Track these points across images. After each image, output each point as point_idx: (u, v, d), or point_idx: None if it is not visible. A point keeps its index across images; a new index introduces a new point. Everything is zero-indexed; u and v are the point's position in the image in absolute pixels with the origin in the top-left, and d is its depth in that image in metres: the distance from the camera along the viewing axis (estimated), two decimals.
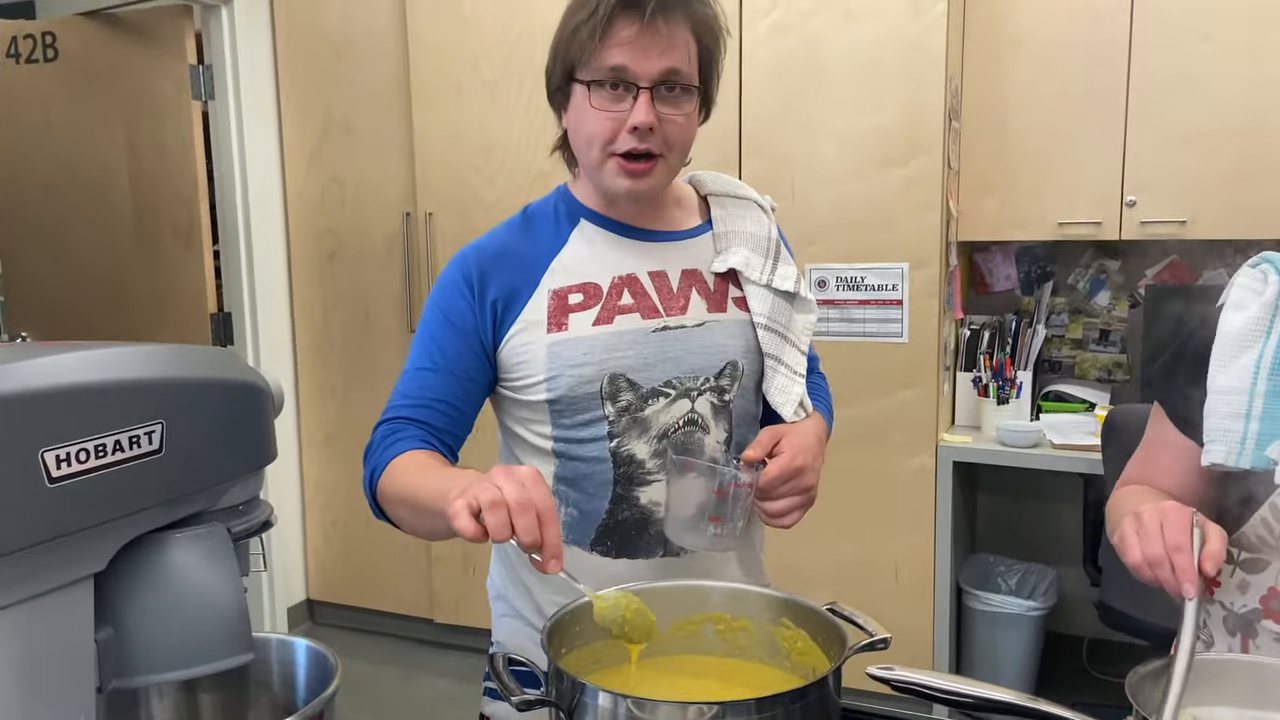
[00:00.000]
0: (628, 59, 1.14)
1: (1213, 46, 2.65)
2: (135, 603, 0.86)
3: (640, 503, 1.25)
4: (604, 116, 1.17)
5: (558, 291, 1.24)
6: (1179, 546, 0.98)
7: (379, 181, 3.41)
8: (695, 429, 1.26)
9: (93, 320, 3.59)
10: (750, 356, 1.30)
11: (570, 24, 1.17)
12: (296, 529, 3.71)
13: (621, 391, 1.23)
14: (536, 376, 1.23)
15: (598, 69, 1.16)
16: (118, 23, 3.44)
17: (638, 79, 1.15)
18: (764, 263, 1.32)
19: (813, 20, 2.77)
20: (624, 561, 1.26)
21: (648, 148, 1.18)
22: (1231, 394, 1.10)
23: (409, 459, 1.16)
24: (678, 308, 1.27)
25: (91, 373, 0.78)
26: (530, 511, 0.92)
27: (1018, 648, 2.97)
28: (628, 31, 1.14)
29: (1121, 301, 3.16)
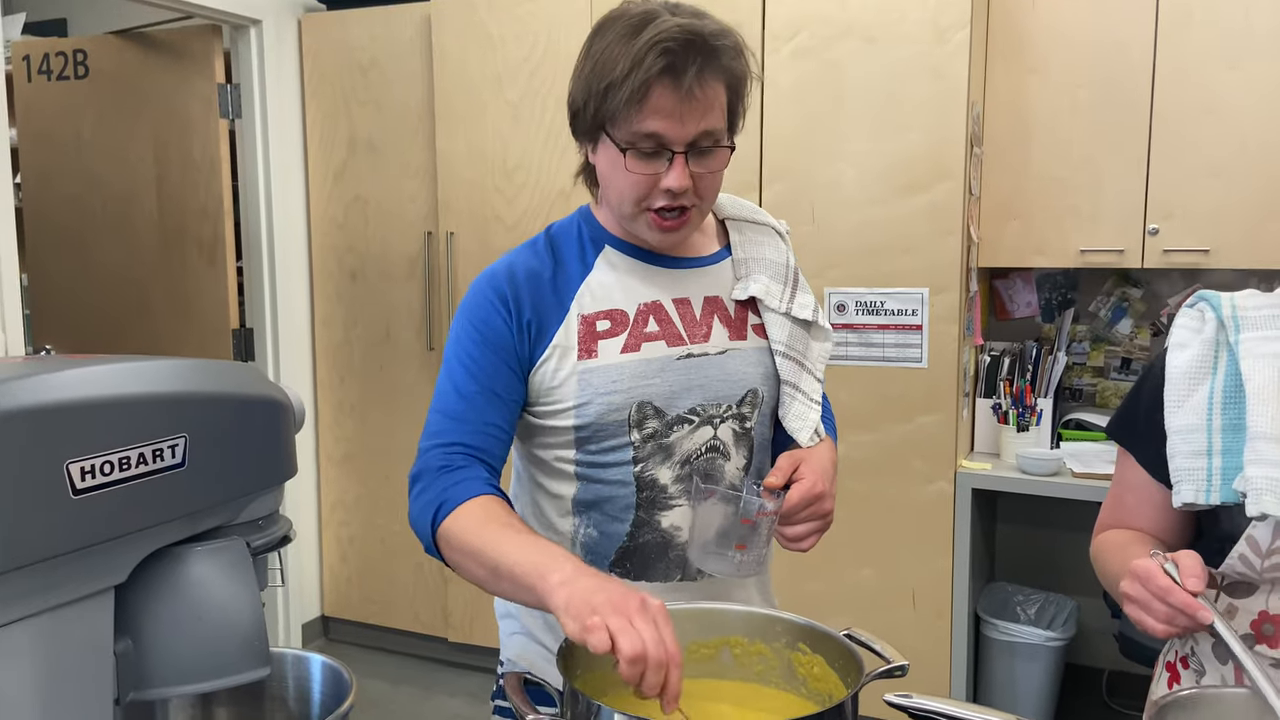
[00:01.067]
0: (664, 128, 1.14)
1: (1238, 76, 2.64)
2: (154, 615, 0.86)
3: (661, 526, 1.25)
4: (638, 178, 1.17)
5: (586, 317, 1.25)
6: (1166, 590, 1.00)
7: (401, 201, 3.44)
8: (717, 455, 1.27)
9: (116, 333, 3.63)
10: (769, 384, 1.31)
11: (603, 78, 1.14)
12: (313, 546, 3.72)
13: (648, 419, 1.24)
14: (567, 403, 1.23)
15: (633, 134, 1.15)
16: (148, 41, 3.50)
17: (673, 144, 1.15)
18: (783, 290, 1.33)
19: (835, 46, 2.78)
20: (642, 584, 1.26)
21: (681, 204, 1.19)
22: (1189, 433, 1.12)
23: (483, 509, 1.12)
24: (701, 335, 1.28)
25: (116, 386, 0.79)
26: (662, 669, 0.89)
27: (1036, 679, 2.93)
28: (666, 100, 1.12)
29: (1143, 330, 3.14)
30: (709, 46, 1.13)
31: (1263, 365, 1.09)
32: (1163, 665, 1.24)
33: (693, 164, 1.17)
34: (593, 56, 1.17)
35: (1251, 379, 1.08)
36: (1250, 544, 1.06)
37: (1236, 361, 1.11)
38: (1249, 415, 1.07)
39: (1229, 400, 1.10)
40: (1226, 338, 1.13)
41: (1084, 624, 3.14)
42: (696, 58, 1.12)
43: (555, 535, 1.29)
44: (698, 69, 1.12)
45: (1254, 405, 1.07)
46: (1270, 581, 1.07)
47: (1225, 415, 1.10)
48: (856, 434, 2.84)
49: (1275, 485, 1.03)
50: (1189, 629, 1.00)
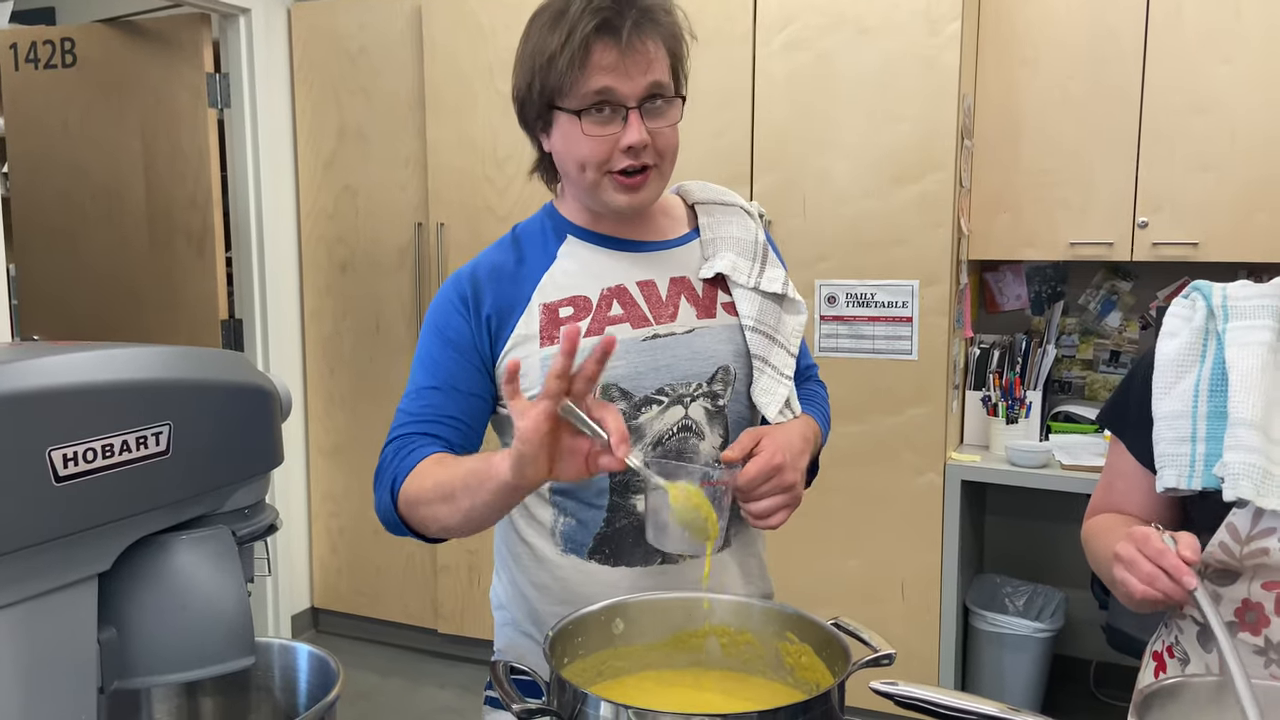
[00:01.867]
0: (612, 81, 1.16)
1: (1228, 69, 2.64)
2: (139, 604, 0.86)
3: (637, 510, 1.25)
4: (596, 141, 1.19)
5: (548, 306, 1.26)
6: (1161, 552, 1.01)
7: (392, 191, 3.42)
8: (690, 435, 1.26)
9: (104, 324, 3.61)
10: (741, 361, 1.30)
11: (543, 52, 1.17)
12: (303, 537, 3.71)
13: (614, 401, 1.23)
14: (532, 390, 1.23)
15: (583, 96, 1.17)
16: (136, 30, 3.47)
17: (625, 100, 1.17)
18: (751, 265, 1.33)
19: (827, 37, 2.77)
20: (622, 569, 1.26)
21: (643, 162, 1.21)
22: (1175, 419, 1.13)
23: (433, 463, 1.16)
24: (667, 315, 1.28)
25: (100, 373, 0.79)
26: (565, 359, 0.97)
27: (1024, 669, 2.95)
28: (608, 56, 1.15)
29: (1133, 323, 3.15)
30: (639, 5, 1.17)
31: (1247, 353, 1.10)
32: (1149, 655, 1.25)
33: (647, 121, 1.19)
34: (530, 39, 1.21)
35: (1235, 366, 1.09)
36: (1230, 531, 1.07)
37: (1224, 350, 1.12)
38: (1230, 402, 1.08)
39: (1215, 388, 1.11)
40: (1215, 327, 1.14)
41: (1072, 615, 3.16)
42: (630, 11, 1.15)
43: (536, 526, 1.29)
44: (634, 22, 1.15)
45: (1236, 392, 1.08)
46: (1251, 569, 1.08)
47: (1210, 402, 1.11)
48: (846, 425, 2.84)
49: (1252, 471, 1.04)
50: (1169, 595, 1.00)
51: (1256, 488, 1.03)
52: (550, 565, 1.28)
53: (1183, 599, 1.01)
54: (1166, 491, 1.14)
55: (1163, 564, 1.00)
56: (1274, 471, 1.04)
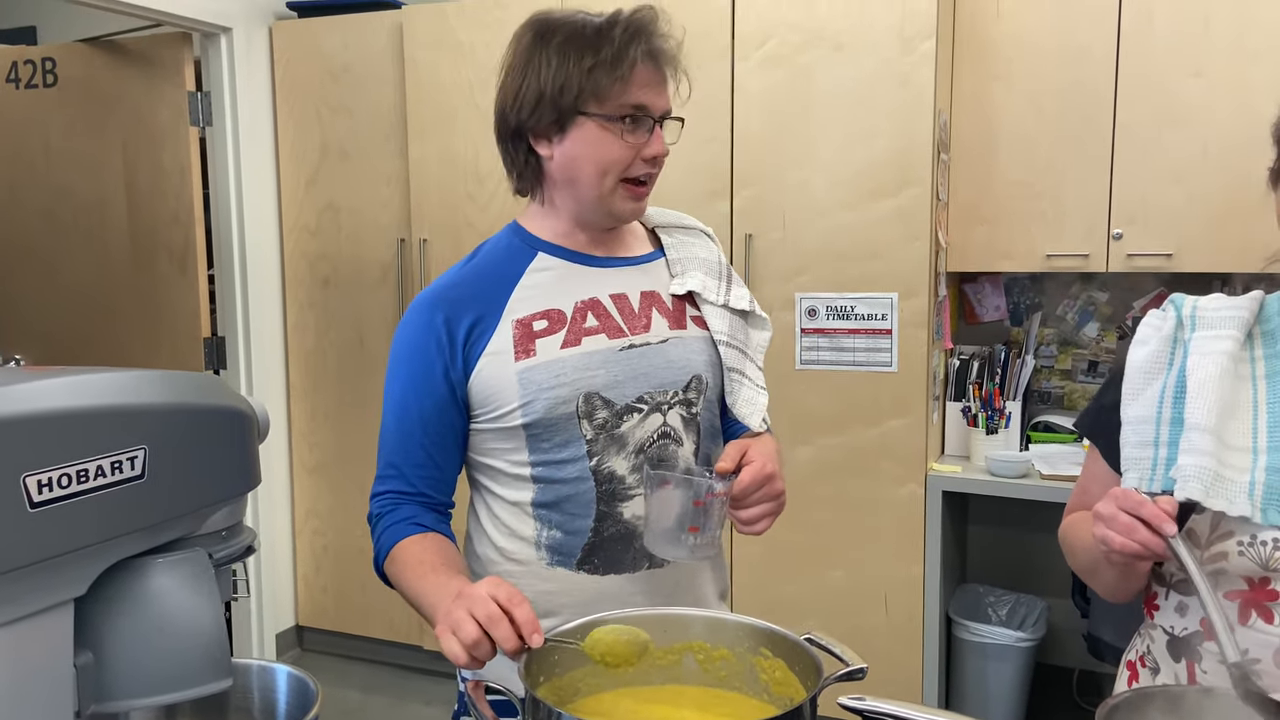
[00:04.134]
0: (648, 99, 1.26)
1: (1199, 82, 2.68)
2: (115, 627, 0.86)
3: (624, 518, 1.28)
4: (625, 146, 1.26)
5: (521, 320, 1.28)
6: (1139, 503, 1.03)
7: (374, 208, 3.43)
8: (669, 441, 1.30)
9: (87, 343, 3.60)
10: (712, 371, 1.35)
11: (580, 63, 1.24)
12: (287, 555, 3.70)
13: (597, 409, 1.27)
14: (509, 404, 1.26)
15: (621, 105, 1.25)
16: (118, 49, 3.47)
17: (653, 114, 1.27)
18: (719, 284, 1.38)
19: (804, 53, 2.80)
20: (611, 578, 1.28)
21: (652, 173, 1.30)
22: (1140, 424, 1.16)
23: (405, 551, 1.24)
24: (641, 326, 1.32)
25: (74, 398, 0.79)
26: (502, 621, 0.99)
27: (1007, 679, 2.96)
28: (648, 75, 1.26)
29: (1110, 333, 3.18)
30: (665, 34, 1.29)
31: (1207, 361, 1.12)
32: (1124, 664, 1.27)
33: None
34: (554, 48, 1.25)
35: (1193, 374, 1.12)
36: (1190, 536, 1.09)
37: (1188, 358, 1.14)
38: (1187, 408, 1.11)
39: (1178, 395, 1.13)
40: (1183, 336, 1.17)
41: (1054, 624, 3.18)
42: (668, 40, 1.28)
43: (518, 542, 1.31)
44: (671, 52, 1.28)
45: (1192, 398, 1.11)
46: (1213, 575, 1.09)
47: (1174, 409, 1.13)
48: (827, 437, 2.86)
49: (1202, 473, 1.06)
50: (1147, 545, 1.02)
51: (1205, 489, 1.05)
52: (537, 578, 1.29)
53: (1161, 550, 1.01)
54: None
55: (1141, 514, 1.02)
56: (1225, 474, 1.06)
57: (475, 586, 1.04)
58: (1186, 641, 1.14)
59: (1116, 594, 1.22)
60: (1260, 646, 1.06)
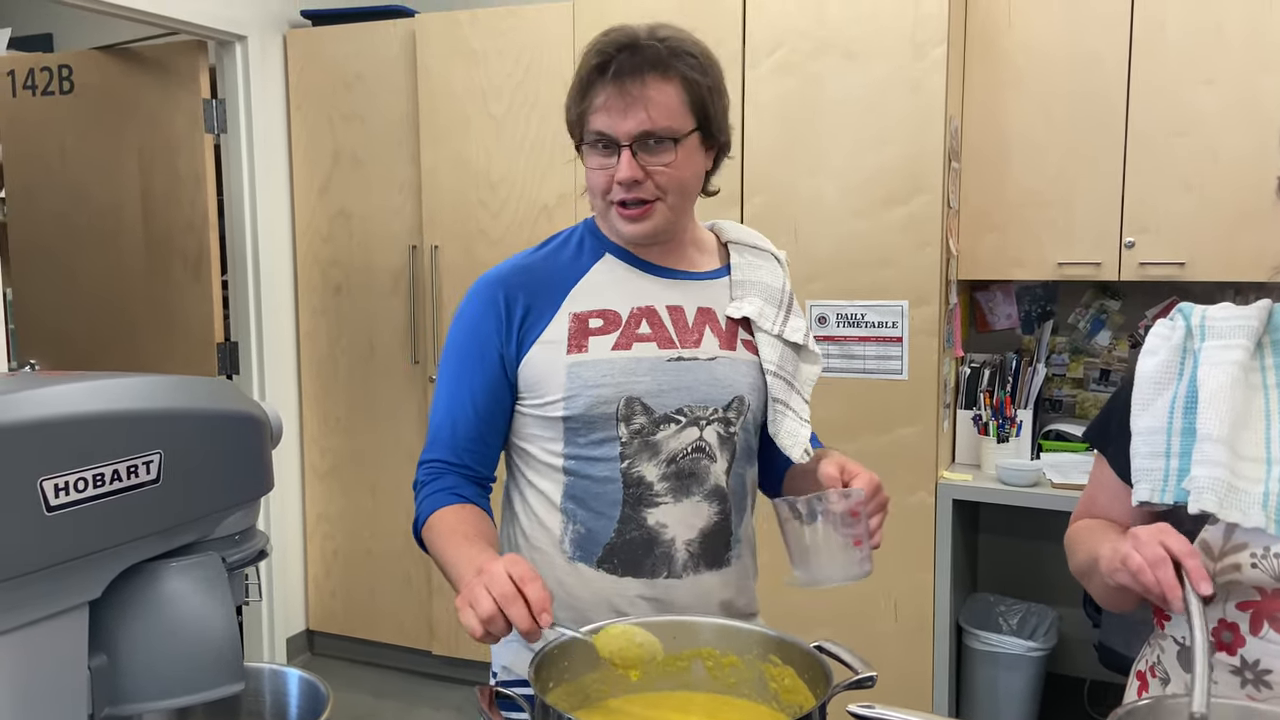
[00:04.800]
0: (604, 124, 1.25)
1: (1211, 90, 2.68)
2: (129, 631, 0.87)
3: (648, 523, 1.29)
4: (598, 173, 1.28)
5: (578, 315, 1.31)
6: (1190, 552, 1.01)
7: (386, 215, 3.45)
8: (702, 456, 1.31)
9: (101, 348, 3.62)
10: (756, 395, 1.35)
11: (571, 94, 1.29)
12: (298, 559, 3.71)
13: (636, 414, 1.28)
14: (554, 395, 1.29)
15: (587, 133, 1.28)
16: (133, 57, 3.50)
17: (618, 138, 1.25)
18: (776, 313, 1.38)
19: (815, 61, 2.81)
20: (629, 580, 1.29)
21: (639, 196, 1.27)
22: (1151, 434, 1.15)
23: (442, 520, 1.27)
24: (692, 341, 1.33)
25: (91, 403, 0.80)
26: (517, 600, 1.01)
27: (1018, 689, 2.95)
28: (602, 97, 1.24)
29: (1122, 341, 3.17)
30: (644, 49, 1.23)
31: (1218, 371, 1.12)
32: (1134, 674, 1.27)
33: (644, 158, 1.25)
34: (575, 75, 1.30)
35: (1205, 384, 1.11)
36: (1203, 547, 1.08)
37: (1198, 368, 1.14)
38: (1199, 418, 1.10)
39: (1189, 405, 1.13)
40: (1193, 346, 1.16)
41: (1065, 634, 3.16)
42: (629, 58, 1.23)
43: (544, 531, 1.33)
44: (631, 69, 1.22)
45: (1204, 409, 1.10)
46: (1225, 587, 1.09)
47: (1185, 419, 1.13)
48: (837, 445, 2.81)
49: (1216, 484, 1.05)
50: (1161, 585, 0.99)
51: (1219, 501, 1.04)
52: (557, 570, 1.31)
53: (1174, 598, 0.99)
54: (1141, 505, 1.15)
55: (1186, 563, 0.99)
56: (1239, 485, 1.06)
57: (494, 563, 1.06)
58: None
59: (1111, 604, 1.22)
60: (1272, 657, 1.06)
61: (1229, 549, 1.07)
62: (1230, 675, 1.10)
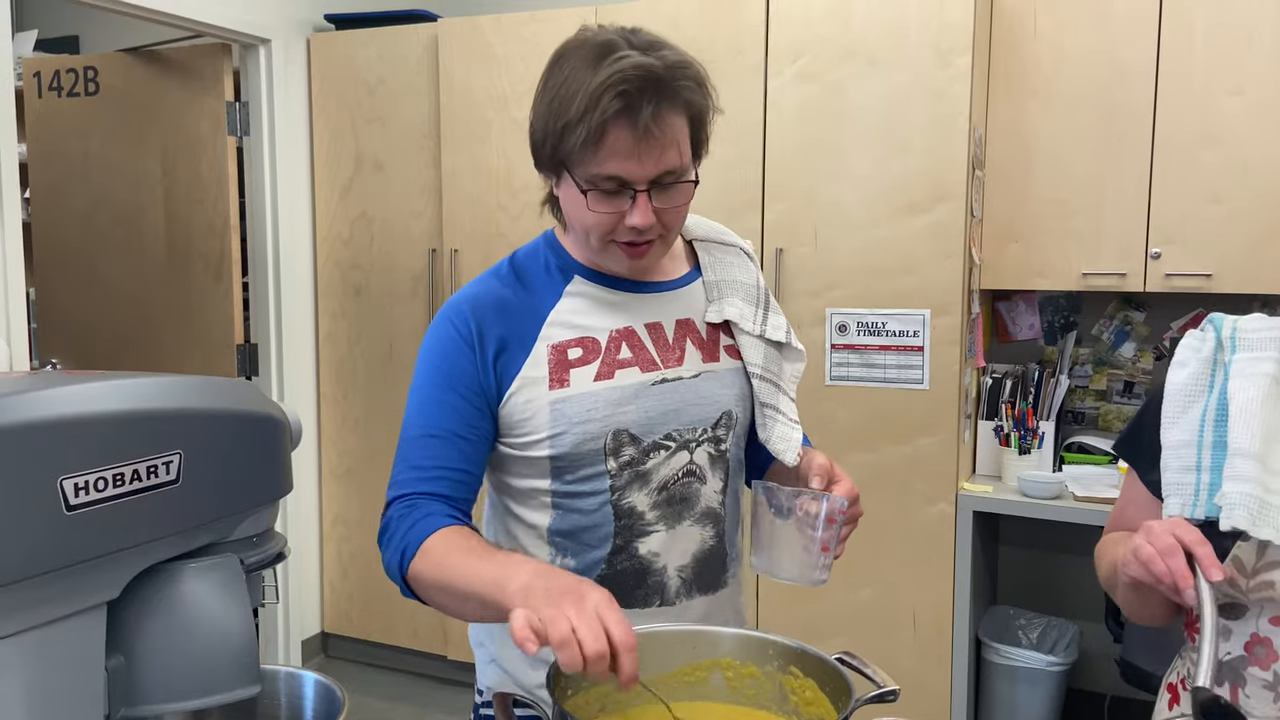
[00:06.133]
0: (623, 169, 1.12)
1: (1239, 100, 2.65)
2: (147, 631, 0.87)
3: (639, 554, 1.25)
4: (601, 216, 1.16)
5: (556, 346, 1.23)
6: (1200, 540, 1.00)
7: (406, 218, 3.45)
8: (693, 479, 1.26)
9: (121, 348, 3.64)
10: (743, 405, 1.31)
11: (559, 117, 1.12)
12: (314, 561, 3.72)
13: (624, 446, 1.23)
14: (539, 434, 1.22)
15: (593, 176, 1.13)
16: (158, 59, 3.53)
17: (635, 184, 1.14)
18: (755, 312, 1.33)
19: (838, 69, 2.79)
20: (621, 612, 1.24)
21: (648, 237, 1.19)
22: (1182, 448, 1.14)
23: (444, 540, 1.12)
24: (674, 359, 1.27)
25: (112, 402, 0.80)
26: (604, 659, 0.90)
27: (1037, 703, 2.92)
28: (624, 142, 1.10)
29: (1146, 353, 3.13)
30: (665, 85, 1.11)
31: (1248, 384, 1.10)
32: (1164, 687, 1.25)
33: (656, 200, 1.16)
34: (550, 90, 1.15)
35: (1235, 398, 1.10)
36: (1235, 564, 1.06)
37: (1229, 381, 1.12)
38: (1230, 433, 1.08)
39: (1220, 418, 1.12)
40: (1223, 358, 1.15)
41: (1086, 648, 3.13)
42: (653, 97, 1.09)
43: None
44: (654, 108, 1.09)
45: (1235, 423, 1.09)
46: (1259, 603, 1.07)
47: (1216, 433, 1.11)
48: (857, 455, 2.83)
49: (1248, 500, 1.03)
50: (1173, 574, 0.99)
51: (1252, 518, 1.03)
52: None
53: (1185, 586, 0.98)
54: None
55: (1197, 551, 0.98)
56: (1271, 501, 1.04)
57: (590, 591, 0.95)
58: (1230, 665, 1.12)
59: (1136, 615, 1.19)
60: None
61: (1261, 566, 1.05)
62: (1263, 690, 1.08)
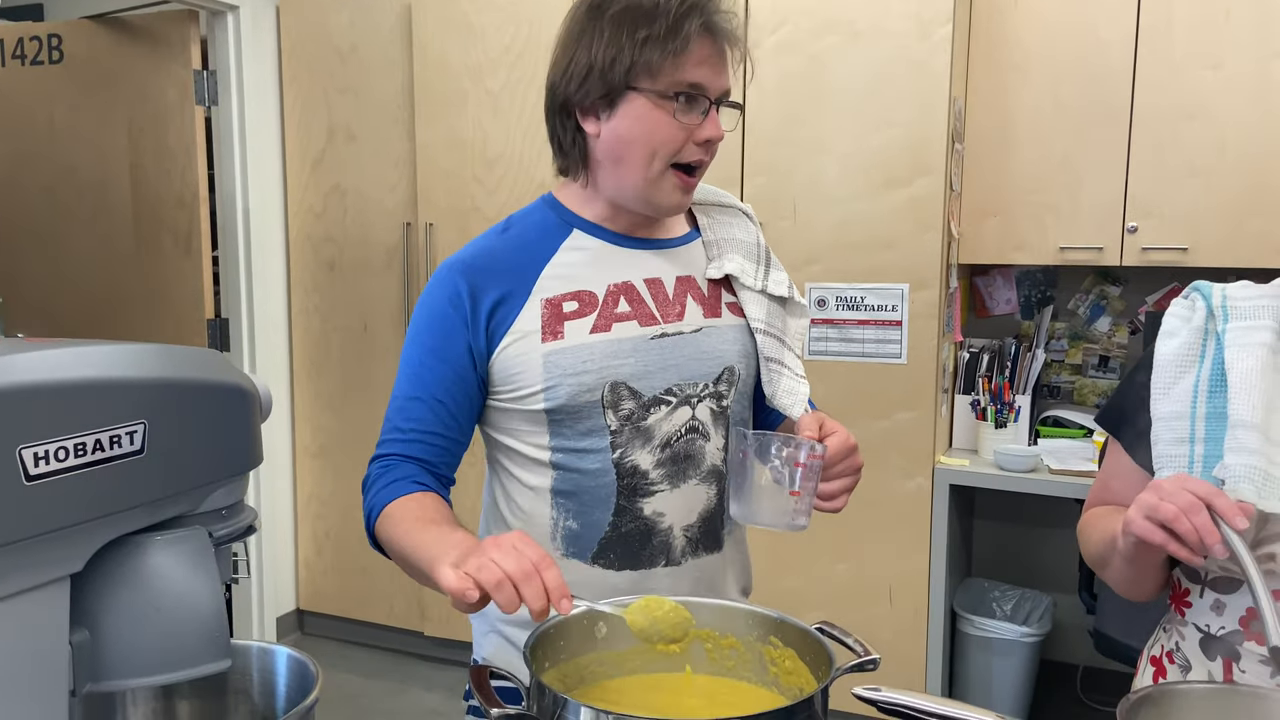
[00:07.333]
0: (704, 77, 1.18)
1: (1218, 75, 2.65)
2: (112, 605, 0.85)
3: (644, 514, 1.24)
4: (678, 127, 1.19)
5: (551, 300, 1.23)
6: (1215, 492, 0.98)
7: (380, 191, 3.41)
8: (696, 436, 1.25)
9: (89, 322, 3.58)
10: (746, 361, 1.30)
11: (635, 31, 1.16)
12: (289, 538, 3.69)
13: (623, 400, 1.22)
14: (533, 386, 1.21)
15: (675, 82, 1.17)
16: (123, 26, 3.45)
17: (710, 94, 1.19)
18: (756, 269, 1.33)
19: (819, 39, 2.77)
20: (626, 574, 1.24)
21: (705, 164, 1.23)
22: (1174, 419, 1.12)
23: (403, 507, 1.17)
24: (675, 314, 1.27)
25: (73, 370, 0.77)
26: (534, 578, 0.93)
27: (1011, 674, 2.95)
28: (704, 49, 1.18)
29: (1122, 328, 3.15)
30: (725, 11, 1.20)
31: (1246, 354, 1.09)
32: (1147, 659, 1.24)
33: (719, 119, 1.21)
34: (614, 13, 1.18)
35: (1234, 368, 1.08)
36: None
37: (1223, 350, 1.11)
38: (1231, 404, 1.07)
39: (1214, 388, 1.10)
40: (1215, 327, 1.13)
41: (1059, 620, 3.16)
42: (725, 18, 1.19)
43: (533, 528, 1.26)
44: (729, 25, 1.19)
45: (1236, 394, 1.07)
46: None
47: (1209, 403, 1.10)
48: None
49: (1253, 473, 1.02)
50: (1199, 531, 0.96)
51: (1258, 490, 1.02)
52: None
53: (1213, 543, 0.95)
54: None
55: (1215, 503, 0.96)
56: (1275, 474, 1.03)
57: (501, 537, 0.97)
58: (1224, 640, 1.11)
59: (1129, 588, 1.18)
60: None
61: (1263, 538, 1.05)
62: (1260, 665, 1.08)
